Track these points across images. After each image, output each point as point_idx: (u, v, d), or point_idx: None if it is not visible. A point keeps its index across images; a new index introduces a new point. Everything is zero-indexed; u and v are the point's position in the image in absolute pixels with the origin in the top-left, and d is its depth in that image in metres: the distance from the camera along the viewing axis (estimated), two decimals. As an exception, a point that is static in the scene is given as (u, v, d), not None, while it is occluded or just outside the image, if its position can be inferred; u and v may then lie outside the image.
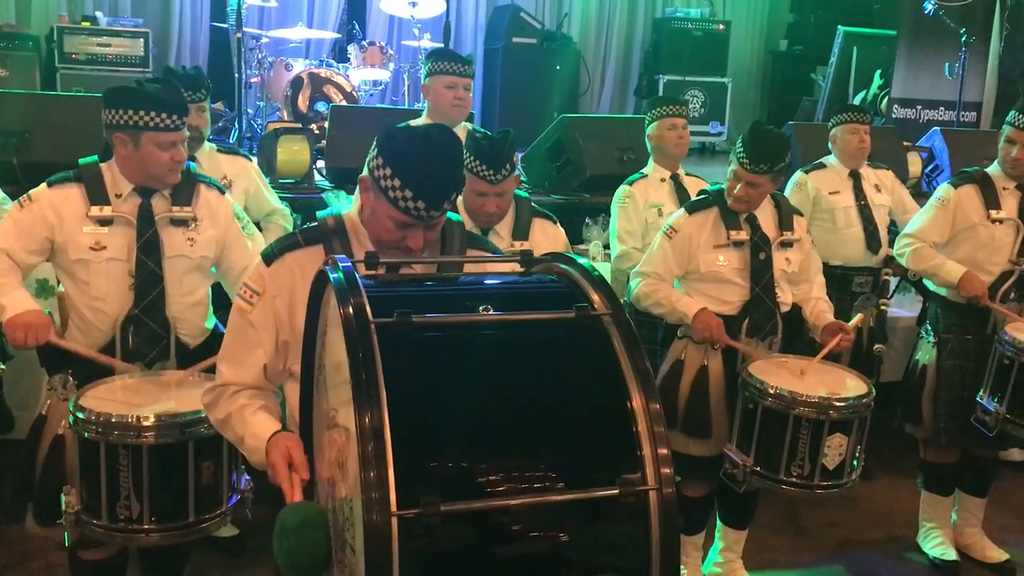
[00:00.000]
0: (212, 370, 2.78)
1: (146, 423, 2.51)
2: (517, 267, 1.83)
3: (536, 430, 1.51)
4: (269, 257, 2.06)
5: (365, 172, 1.98)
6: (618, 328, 1.56)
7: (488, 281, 1.88)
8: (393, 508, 1.30)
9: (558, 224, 3.42)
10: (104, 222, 2.86)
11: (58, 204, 2.86)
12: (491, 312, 1.58)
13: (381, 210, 1.94)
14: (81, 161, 2.96)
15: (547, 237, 3.32)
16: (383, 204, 1.92)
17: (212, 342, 3.01)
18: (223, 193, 3.13)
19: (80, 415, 2.54)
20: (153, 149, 2.83)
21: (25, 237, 2.86)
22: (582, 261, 1.71)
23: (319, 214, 2.12)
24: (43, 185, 2.92)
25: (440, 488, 1.36)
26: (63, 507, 2.55)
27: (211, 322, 3.10)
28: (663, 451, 1.46)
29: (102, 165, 2.93)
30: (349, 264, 1.59)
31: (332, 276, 1.57)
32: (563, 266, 1.74)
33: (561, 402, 1.55)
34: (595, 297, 1.61)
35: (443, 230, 2.08)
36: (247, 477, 2.72)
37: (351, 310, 1.46)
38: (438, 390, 1.49)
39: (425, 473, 1.40)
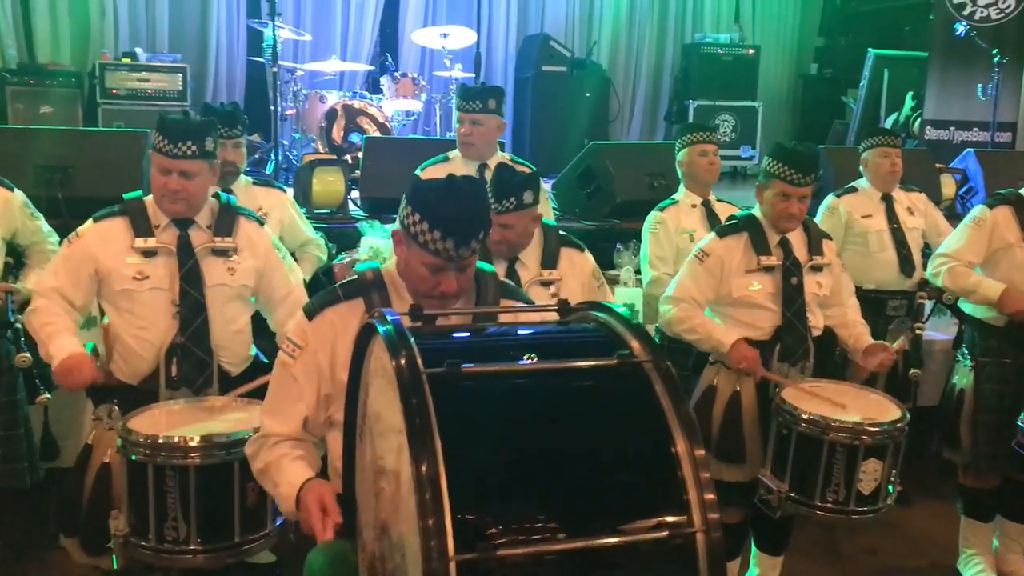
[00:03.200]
0: (252, 395, 2.85)
1: (192, 444, 2.57)
2: (554, 315, 1.87)
3: (584, 475, 1.54)
4: (311, 312, 2.13)
5: (397, 225, 2.07)
6: (659, 374, 1.59)
7: (529, 331, 1.93)
8: (451, 554, 1.34)
9: (586, 251, 3.44)
10: (148, 253, 2.94)
11: (103, 237, 2.95)
12: (535, 361, 1.62)
13: (414, 257, 2.03)
14: (125, 196, 3.06)
15: (574, 266, 3.34)
16: (415, 250, 2.02)
17: (253, 370, 3.08)
18: (262, 225, 3.21)
19: (128, 437, 2.59)
20: (154, 170, 2.94)
21: (74, 274, 2.95)
22: (620, 309, 1.75)
23: (357, 267, 2.22)
24: (89, 221, 3.02)
25: (495, 533, 1.40)
26: (111, 531, 2.60)
27: (252, 351, 3.17)
28: (709, 496, 1.51)
29: (146, 199, 3.02)
30: (397, 317, 1.63)
31: (381, 329, 1.61)
32: (600, 315, 1.77)
33: (607, 448, 1.58)
34: (634, 344, 1.65)
35: (478, 282, 2.15)
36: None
37: (403, 361, 1.50)
38: (488, 437, 1.53)
39: (480, 519, 1.43)
